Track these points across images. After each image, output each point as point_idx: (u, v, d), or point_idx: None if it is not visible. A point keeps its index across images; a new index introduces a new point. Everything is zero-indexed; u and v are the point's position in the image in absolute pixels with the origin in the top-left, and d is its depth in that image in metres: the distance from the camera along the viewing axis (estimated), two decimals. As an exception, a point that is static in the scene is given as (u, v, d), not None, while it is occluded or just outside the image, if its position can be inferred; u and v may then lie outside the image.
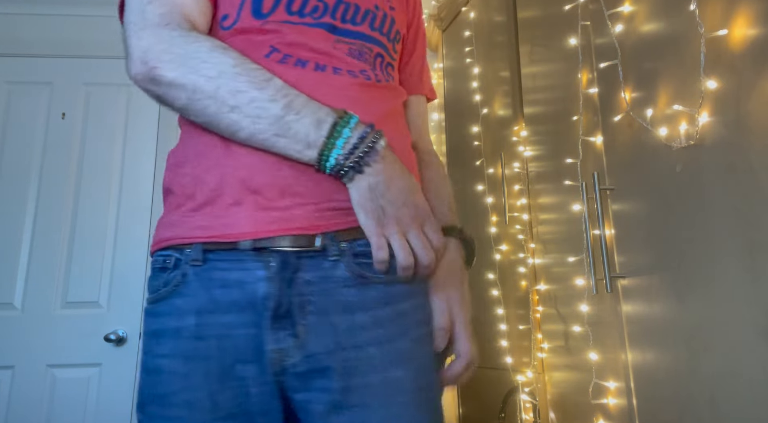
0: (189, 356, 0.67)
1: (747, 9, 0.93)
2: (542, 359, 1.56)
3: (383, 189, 0.66)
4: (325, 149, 0.65)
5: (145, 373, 0.69)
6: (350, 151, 0.65)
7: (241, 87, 0.65)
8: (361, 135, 0.65)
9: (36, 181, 2.41)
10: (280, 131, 0.65)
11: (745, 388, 0.91)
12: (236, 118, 0.65)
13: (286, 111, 0.65)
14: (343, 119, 0.66)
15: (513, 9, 1.82)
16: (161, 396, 0.67)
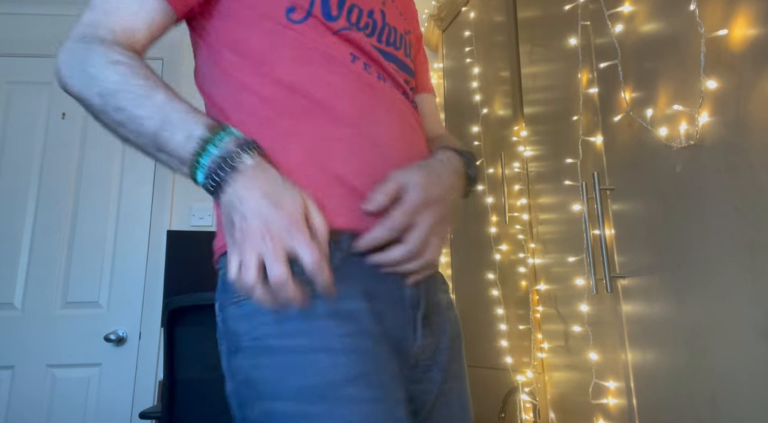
0: (375, 338, 0.67)
1: (747, 9, 0.93)
2: (542, 359, 1.56)
3: (238, 204, 0.61)
4: (192, 167, 0.63)
5: (328, 354, 0.63)
6: (212, 170, 0.61)
7: (122, 104, 0.65)
8: (226, 152, 0.61)
9: (36, 181, 2.41)
10: (159, 147, 0.65)
11: (745, 388, 0.91)
12: (124, 133, 0.67)
13: (162, 127, 0.64)
14: (213, 134, 0.63)
15: (513, 9, 1.82)
16: (361, 375, 0.63)
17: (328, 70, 0.73)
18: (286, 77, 0.72)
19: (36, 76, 2.48)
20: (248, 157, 0.62)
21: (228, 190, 0.61)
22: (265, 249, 0.57)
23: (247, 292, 0.58)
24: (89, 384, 2.26)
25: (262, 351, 0.64)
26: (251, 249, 0.58)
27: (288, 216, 0.59)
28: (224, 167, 0.61)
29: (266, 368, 0.64)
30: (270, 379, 0.63)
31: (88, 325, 2.29)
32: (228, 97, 0.75)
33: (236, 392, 0.67)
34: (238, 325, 0.66)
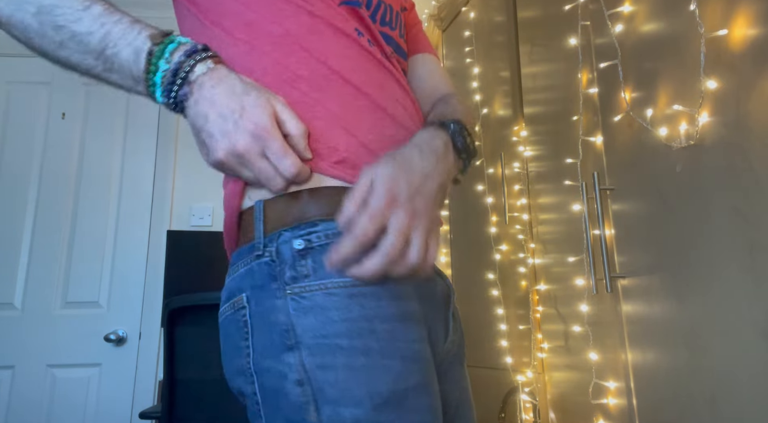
0: (428, 341, 0.64)
1: (747, 9, 0.93)
2: (542, 359, 1.56)
3: (202, 122, 0.57)
4: (149, 86, 0.58)
5: (401, 361, 0.59)
6: (167, 87, 0.57)
7: (59, 21, 0.59)
8: (176, 64, 0.57)
9: (36, 181, 2.41)
10: (107, 66, 0.59)
11: (745, 388, 0.91)
12: (66, 55, 0.60)
13: (105, 43, 0.58)
14: (160, 46, 0.58)
15: (513, 9, 1.82)
16: (424, 385, 0.60)
17: (337, 42, 0.69)
18: (301, 43, 0.67)
19: (36, 76, 2.48)
20: (201, 66, 0.58)
21: (188, 106, 0.58)
22: (245, 165, 0.56)
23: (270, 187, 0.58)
24: (89, 384, 2.26)
25: (331, 350, 0.57)
26: (232, 171, 0.57)
27: (254, 126, 0.56)
28: (177, 81, 0.57)
29: (335, 370, 0.57)
30: (339, 382, 0.56)
31: (88, 325, 2.29)
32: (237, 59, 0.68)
33: (279, 392, 0.58)
34: (298, 320, 0.59)
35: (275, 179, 0.59)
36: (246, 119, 0.56)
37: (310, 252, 0.61)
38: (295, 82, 0.65)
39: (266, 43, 0.67)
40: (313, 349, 0.57)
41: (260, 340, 0.60)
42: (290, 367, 0.58)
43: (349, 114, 0.66)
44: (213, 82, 0.57)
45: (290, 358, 0.58)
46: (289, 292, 0.60)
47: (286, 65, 0.66)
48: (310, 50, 0.67)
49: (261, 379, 0.60)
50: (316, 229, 0.61)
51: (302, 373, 0.57)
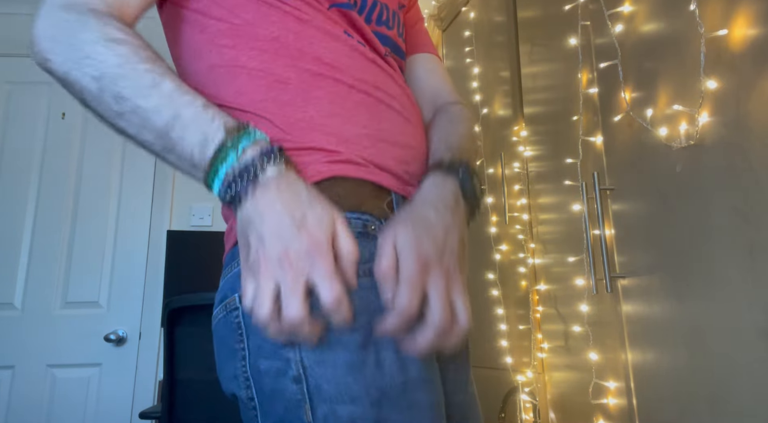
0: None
1: (747, 9, 0.93)
2: (542, 359, 1.56)
3: (257, 221, 0.53)
4: (209, 175, 0.55)
5: (398, 354, 0.57)
6: (231, 181, 0.54)
7: (124, 93, 0.56)
8: (248, 161, 0.54)
9: (36, 181, 2.41)
10: (167, 146, 0.57)
11: (745, 388, 0.91)
12: (124, 126, 0.58)
13: (171, 125, 0.56)
14: (234, 139, 0.55)
15: (513, 9, 1.82)
16: (424, 380, 0.58)
17: (326, 45, 0.67)
18: (288, 47, 0.66)
19: (36, 76, 2.46)
20: (272, 168, 0.54)
21: (247, 205, 0.54)
22: (283, 278, 0.51)
23: (260, 325, 0.52)
24: (89, 384, 2.26)
25: (331, 344, 0.55)
26: (267, 276, 0.51)
27: (311, 240, 0.52)
28: (244, 178, 0.53)
29: (334, 366, 0.54)
30: (337, 377, 0.54)
31: (88, 325, 2.29)
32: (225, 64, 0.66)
33: (276, 392, 0.56)
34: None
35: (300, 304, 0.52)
36: (305, 232, 0.52)
37: None
38: (284, 86, 0.64)
39: (251, 48, 0.65)
40: (310, 343, 0.55)
41: (255, 340, 0.58)
42: (288, 362, 0.55)
43: (344, 110, 0.65)
44: (281, 187, 0.54)
45: (288, 353, 0.55)
46: None
47: (272, 70, 0.64)
48: (297, 54, 0.65)
49: (258, 382, 0.57)
50: None
51: (300, 369, 0.55)
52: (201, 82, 0.66)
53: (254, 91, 0.63)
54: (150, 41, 0.63)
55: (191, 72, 0.68)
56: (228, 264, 0.64)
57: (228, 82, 0.65)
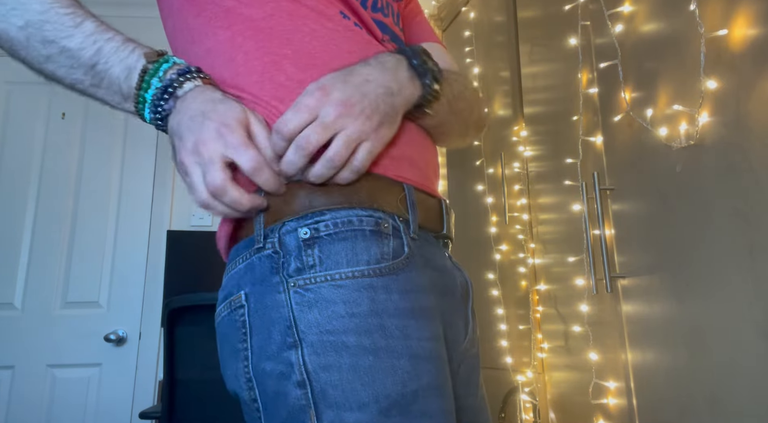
0: (443, 339, 0.61)
1: (747, 9, 0.93)
2: (542, 359, 1.56)
3: (175, 127, 0.56)
4: (139, 103, 0.59)
5: (411, 360, 0.54)
6: (156, 103, 0.58)
7: (49, 35, 0.59)
8: (167, 82, 0.58)
9: (36, 181, 2.41)
10: (95, 81, 0.60)
11: (745, 387, 0.91)
12: (53, 68, 0.61)
13: (96, 59, 0.59)
14: (154, 66, 0.58)
15: (513, 9, 1.82)
16: (437, 386, 0.56)
17: (322, 25, 0.66)
18: (283, 26, 0.65)
19: (36, 76, 2.45)
20: (189, 83, 0.58)
21: (170, 119, 0.57)
22: (200, 160, 0.54)
23: (208, 209, 0.55)
24: (89, 384, 2.26)
25: (336, 348, 0.53)
26: (190, 165, 0.54)
27: (219, 122, 0.54)
28: (165, 98, 0.57)
29: (340, 370, 0.52)
30: (344, 383, 0.52)
31: (88, 325, 2.29)
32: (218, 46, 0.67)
33: (279, 396, 0.54)
34: (301, 314, 0.54)
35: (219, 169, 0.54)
36: (212, 118, 0.55)
37: (318, 241, 0.57)
38: (279, 65, 0.63)
39: (247, 29, 0.65)
40: (317, 346, 0.53)
41: (259, 340, 0.56)
42: (291, 366, 0.53)
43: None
44: (195, 95, 0.57)
45: (291, 356, 0.53)
46: (292, 284, 0.55)
47: (268, 48, 0.64)
48: (292, 33, 0.65)
49: (261, 383, 0.56)
50: (323, 217, 0.58)
51: (303, 373, 0.53)
52: (200, 65, 0.66)
53: (250, 73, 0.63)
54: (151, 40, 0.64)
55: (191, 56, 0.68)
56: (232, 260, 0.63)
57: (225, 65, 0.65)
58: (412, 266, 0.59)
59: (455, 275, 0.69)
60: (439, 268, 0.65)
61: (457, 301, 0.67)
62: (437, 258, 0.66)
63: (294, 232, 0.57)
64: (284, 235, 0.57)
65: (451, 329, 0.65)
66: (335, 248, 0.56)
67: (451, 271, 0.68)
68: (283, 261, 0.56)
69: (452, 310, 0.66)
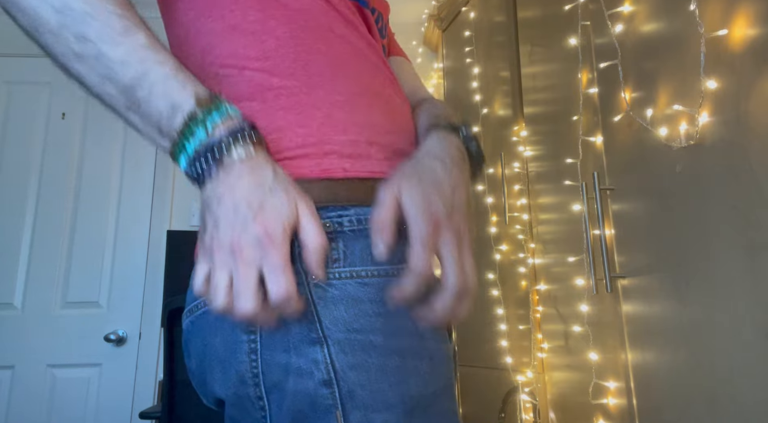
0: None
1: (747, 9, 0.93)
2: (542, 359, 1.56)
3: (214, 205, 0.50)
4: (176, 149, 0.51)
5: (431, 362, 0.54)
6: (197, 159, 0.50)
7: (89, 33, 0.50)
8: (216, 140, 0.50)
9: (36, 181, 2.41)
10: (131, 105, 0.52)
11: (745, 387, 0.91)
12: (83, 71, 0.51)
13: (138, 82, 0.51)
14: (204, 112, 0.50)
15: (513, 9, 1.82)
16: (448, 387, 0.57)
17: (352, 31, 0.65)
18: (317, 20, 0.63)
19: (36, 76, 2.48)
20: (240, 149, 0.50)
21: (208, 187, 0.50)
22: (234, 269, 0.48)
23: (214, 310, 0.49)
24: (89, 384, 2.26)
25: (365, 347, 0.51)
26: (220, 264, 0.49)
27: (263, 229, 0.48)
28: (209, 158, 0.50)
29: (368, 370, 0.51)
30: (372, 384, 0.51)
31: (88, 325, 2.29)
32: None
33: (300, 393, 0.51)
34: (325, 310, 0.52)
35: (251, 297, 0.48)
36: (259, 221, 0.49)
37: (341, 235, 0.54)
38: (313, 58, 0.60)
39: (281, 15, 0.61)
40: (344, 345, 0.51)
41: (272, 332, 0.53)
42: (316, 363, 0.51)
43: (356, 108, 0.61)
44: (244, 170, 0.50)
45: (316, 353, 0.51)
46: (313, 278, 0.52)
47: (302, 38, 0.60)
48: (326, 31, 0.62)
49: (271, 379, 0.52)
50: (347, 212, 0.55)
51: (331, 372, 0.50)
52: (215, 42, 0.62)
53: (283, 58, 0.59)
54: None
55: (202, 30, 0.63)
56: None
57: (253, 44, 0.60)
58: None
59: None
60: None
61: None
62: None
63: None
64: None
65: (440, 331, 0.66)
66: (359, 244, 0.54)
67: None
68: (300, 250, 0.52)
69: None
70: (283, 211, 0.49)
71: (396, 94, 0.68)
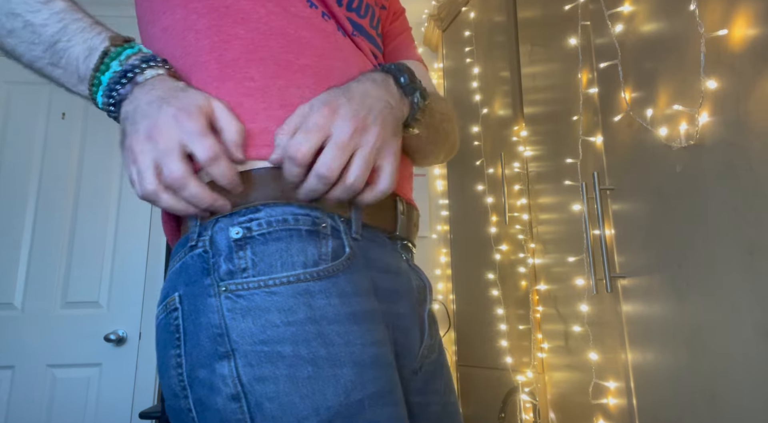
0: (389, 343, 0.57)
1: (747, 9, 0.93)
2: (542, 359, 1.56)
3: (131, 112, 0.52)
4: (93, 85, 0.55)
5: (355, 368, 0.51)
6: (110, 86, 0.54)
7: (16, 8, 0.56)
8: (128, 67, 0.54)
9: (36, 181, 2.41)
10: (54, 60, 0.56)
11: (745, 387, 0.91)
12: (14, 44, 0.58)
13: (59, 37, 0.55)
14: (117, 49, 0.54)
15: (513, 9, 1.82)
16: (385, 393, 0.53)
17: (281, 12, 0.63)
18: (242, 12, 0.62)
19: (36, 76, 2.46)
20: (152, 70, 0.54)
21: (124, 105, 0.53)
22: (155, 148, 0.49)
23: (153, 201, 0.50)
24: (89, 384, 2.26)
25: (271, 359, 0.50)
26: (142, 154, 0.50)
27: (178, 107, 0.50)
28: (123, 82, 0.53)
29: (276, 382, 0.49)
30: (280, 396, 0.49)
31: (88, 325, 2.29)
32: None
33: (214, 409, 0.51)
34: (233, 323, 0.51)
35: (177, 161, 0.50)
36: (171, 103, 0.51)
37: (250, 242, 0.53)
38: (229, 44, 0.61)
39: (203, 7, 0.62)
40: (251, 357, 0.50)
41: (192, 346, 0.52)
42: (223, 379, 0.50)
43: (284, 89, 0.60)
44: (156, 83, 0.53)
45: (223, 368, 0.50)
46: (223, 289, 0.52)
47: (220, 27, 0.61)
48: (247, 13, 0.62)
49: (196, 393, 0.52)
50: (258, 215, 0.54)
51: (237, 386, 0.50)
52: (156, 47, 0.64)
53: (199, 52, 0.61)
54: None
55: (147, 37, 0.66)
56: (172, 258, 0.59)
57: (177, 44, 0.63)
58: (354, 268, 0.56)
59: (410, 278, 0.66)
60: (387, 270, 0.61)
61: (411, 305, 0.64)
62: (386, 259, 0.63)
63: (225, 231, 0.54)
64: (216, 233, 0.54)
65: (405, 334, 0.62)
66: (269, 250, 0.53)
67: (405, 273, 0.65)
68: (214, 262, 0.53)
69: (406, 315, 0.63)
70: (196, 97, 0.52)
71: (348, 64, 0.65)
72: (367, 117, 0.53)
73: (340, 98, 0.54)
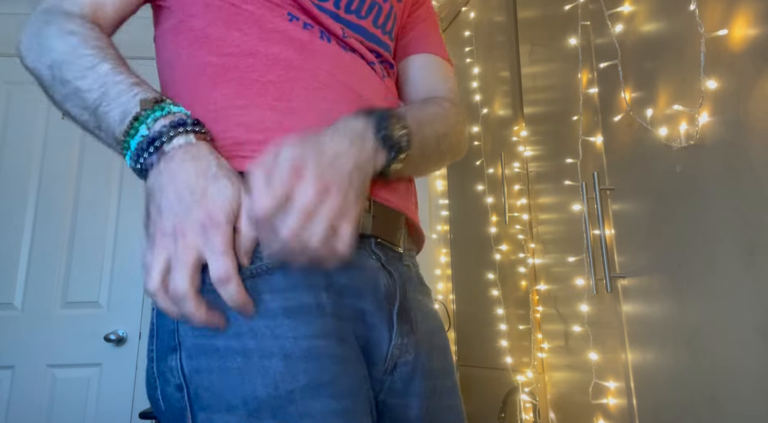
0: (341, 337, 0.57)
1: (747, 9, 0.93)
2: (542, 359, 1.56)
3: (157, 194, 0.52)
4: (123, 149, 0.56)
5: (284, 360, 0.53)
6: (140, 153, 0.54)
7: (67, 76, 0.59)
8: (156, 133, 0.54)
9: (36, 181, 2.41)
10: (98, 123, 0.58)
11: (745, 387, 0.91)
12: (69, 108, 0.60)
13: (100, 102, 0.57)
14: (148, 111, 0.55)
15: (513, 9, 1.82)
16: (325, 384, 0.54)
17: (253, 25, 0.65)
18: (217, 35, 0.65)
19: (36, 76, 2.47)
20: (180, 138, 0.54)
21: (151, 177, 0.53)
22: (173, 251, 0.50)
23: (149, 296, 0.51)
24: (89, 384, 2.26)
25: (207, 352, 0.54)
26: (159, 249, 0.50)
27: (206, 214, 0.50)
28: (150, 149, 0.53)
29: (210, 373, 0.53)
30: (213, 386, 0.53)
31: (88, 325, 2.29)
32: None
33: (168, 398, 0.56)
34: (177, 321, 0.55)
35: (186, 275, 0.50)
36: (201, 205, 0.50)
37: None
38: (203, 71, 0.63)
39: (187, 38, 0.66)
40: (191, 350, 0.54)
41: (160, 342, 0.58)
42: (171, 370, 0.55)
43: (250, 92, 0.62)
44: (185, 157, 0.53)
45: (173, 360, 0.55)
46: None
47: (197, 57, 0.65)
48: (222, 40, 0.64)
49: (161, 384, 0.57)
50: None
51: (180, 377, 0.54)
52: (160, 78, 0.69)
53: (182, 80, 0.65)
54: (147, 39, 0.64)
55: (164, 84, 0.69)
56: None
57: (167, 75, 0.67)
58: (294, 267, 0.56)
59: (378, 276, 0.64)
60: (346, 266, 0.59)
61: (378, 303, 0.63)
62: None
63: None
64: None
65: (370, 330, 0.62)
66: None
67: (372, 270, 0.64)
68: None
69: (371, 311, 0.62)
70: (227, 197, 0.51)
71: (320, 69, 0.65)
72: (333, 184, 0.52)
73: (308, 155, 0.51)
